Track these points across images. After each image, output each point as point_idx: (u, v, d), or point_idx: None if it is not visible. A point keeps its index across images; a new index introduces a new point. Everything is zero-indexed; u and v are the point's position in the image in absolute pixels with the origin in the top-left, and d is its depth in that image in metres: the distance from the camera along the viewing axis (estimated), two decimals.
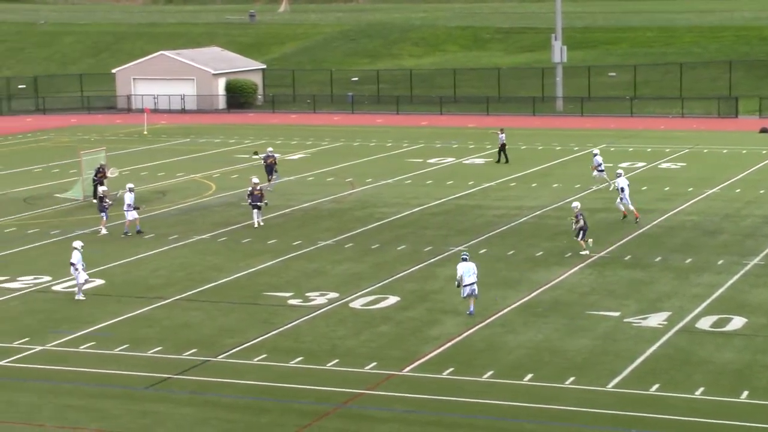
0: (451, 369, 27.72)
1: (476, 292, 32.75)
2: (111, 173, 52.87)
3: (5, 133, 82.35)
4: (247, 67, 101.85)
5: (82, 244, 35.88)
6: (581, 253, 39.90)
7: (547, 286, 35.73)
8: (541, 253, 40.33)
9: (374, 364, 28.25)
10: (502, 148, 62.72)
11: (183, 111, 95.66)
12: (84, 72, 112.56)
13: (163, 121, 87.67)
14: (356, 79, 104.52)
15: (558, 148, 68.76)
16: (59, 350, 29.85)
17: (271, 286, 36.30)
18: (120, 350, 29.71)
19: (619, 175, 46.57)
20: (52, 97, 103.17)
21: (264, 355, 29.07)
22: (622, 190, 45.50)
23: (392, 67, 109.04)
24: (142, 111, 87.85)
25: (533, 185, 54.78)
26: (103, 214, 45.25)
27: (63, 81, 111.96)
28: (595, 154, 54.33)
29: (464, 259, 32.95)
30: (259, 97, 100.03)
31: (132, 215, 44.60)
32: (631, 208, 45.61)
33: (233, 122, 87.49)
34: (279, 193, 53.15)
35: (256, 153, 58.36)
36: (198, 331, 31.38)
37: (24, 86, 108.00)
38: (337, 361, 28.58)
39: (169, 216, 48.54)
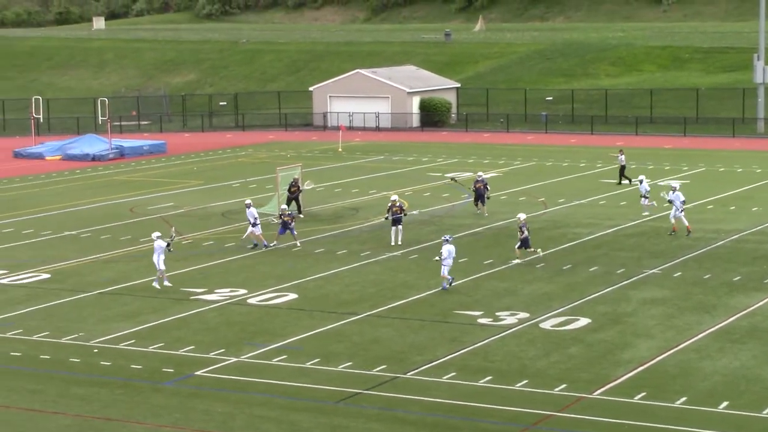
0: (642, 393, 27.23)
1: (445, 272, 37.93)
2: (307, 185, 53.80)
3: (206, 148, 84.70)
4: (442, 85, 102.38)
5: (159, 234, 39.71)
6: (513, 262, 41.70)
7: (744, 312, 34.76)
8: (738, 277, 39.29)
9: (564, 386, 27.97)
10: (622, 170, 61.86)
11: (377, 129, 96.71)
12: (282, 89, 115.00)
13: (357, 139, 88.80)
14: (551, 98, 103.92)
15: (758, 170, 66.95)
16: (253, 362, 30.46)
17: (461, 304, 36.32)
18: (311, 364, 30.14)
19: (675, 189, 46.95)
20: (251, 113, 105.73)
21: (453, 374, 29.09)
22: (683, 203, 46.81)
23: (587, 86, 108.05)
24: (337, 128, 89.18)
25: (731, 208, 53.46)
26: (281, 229, 45.74)
27: (262, 98, 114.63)
28: (641, 181, 52.83)
29: (447, 241, 38.29)
30: (453, 115, 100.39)
31: (257, 230, 45.30)
32: (685, 222, 46.93)
33: (426, 140, 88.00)
34: (471, 212, 53.16)
35: (454, 179, 58.10)
36: (388, 348, 31.60)
37: (225, 103, 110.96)
38: (526, 381, 28.40)
39: (361, 232, 49.10)
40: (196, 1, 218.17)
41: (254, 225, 45.14)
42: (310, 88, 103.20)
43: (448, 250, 38.11)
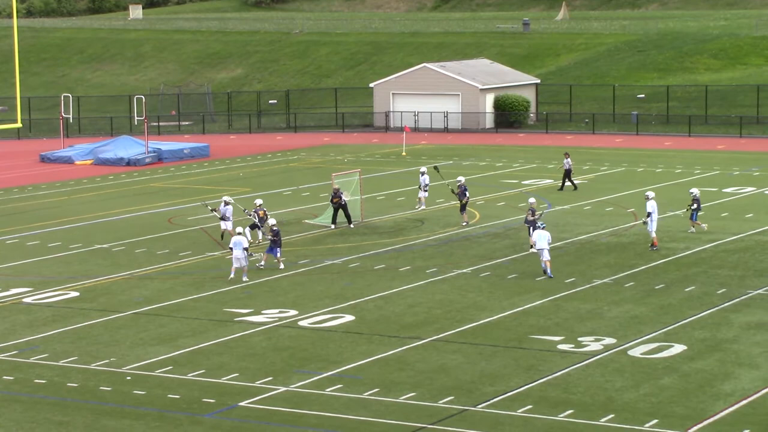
0: (746, 431, 27.02)
1: (545, 256, 42.12)
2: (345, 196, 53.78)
3: (254, 152, 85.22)
4: (519, 81, 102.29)
5: (241, 229, 43.54)
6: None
7: None
8: None
9: (655, 421, 27.84)
10: (567, 174, 63.39)
11: (445, 130, 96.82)
12: (339, 86, 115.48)
13: (423, 141, 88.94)
14: (642, 96, 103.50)
15: None
16: (304, 392, 30.58)
17: (539, 328, 36.26)
18: (369, 395, 30.21)
19: (648, 198, 47.67)
20: (305, 113, 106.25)
21: (529, 406, 29.05)
22: (649, 215, 47.13)
23: (685, 82, 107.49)
24: (401, 129, 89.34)
25: None
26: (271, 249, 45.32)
27: (316, 95, 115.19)
28: (423, 173, 57.25)
29: (541, 227, 42.56)
30: (532, 115, 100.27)
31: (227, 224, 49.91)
32: (653, 235, 47.51)
33: (501, 143, 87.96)
34: (551, 225, 52.94)
35: (436, 168, 58.86)
36: (455, 377, 31.62)
37: (275, 101, 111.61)
38: (612, 416, 28.29)
39: (427, 247, 49.16)
40: None
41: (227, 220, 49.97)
42: (371, 85, 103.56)
43: (539, 234, 42.46)
